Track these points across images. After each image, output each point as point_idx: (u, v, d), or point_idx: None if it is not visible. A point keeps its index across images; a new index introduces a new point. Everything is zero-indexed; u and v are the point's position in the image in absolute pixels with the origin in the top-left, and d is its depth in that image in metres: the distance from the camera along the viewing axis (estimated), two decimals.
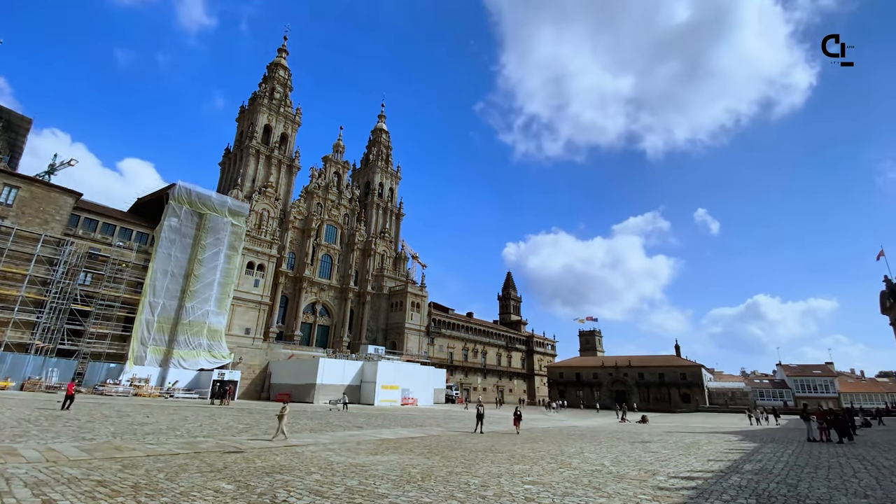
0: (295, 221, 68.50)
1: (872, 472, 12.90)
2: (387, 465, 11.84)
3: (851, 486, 10.69)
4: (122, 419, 19.98)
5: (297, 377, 48.92)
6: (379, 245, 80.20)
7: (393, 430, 22.00)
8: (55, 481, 8.11)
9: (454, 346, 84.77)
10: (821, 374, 78.83)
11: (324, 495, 8.19)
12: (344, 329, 71.35)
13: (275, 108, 70.02)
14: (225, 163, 71.66)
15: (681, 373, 79.68)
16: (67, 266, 40.92)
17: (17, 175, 41.84)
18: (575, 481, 10.46)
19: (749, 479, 11.25)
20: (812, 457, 16.44)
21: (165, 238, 47.29)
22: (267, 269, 58.60)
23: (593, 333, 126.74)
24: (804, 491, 9.91)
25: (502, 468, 11.95)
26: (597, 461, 13.99)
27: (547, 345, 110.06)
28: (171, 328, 46.42)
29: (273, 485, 8.81)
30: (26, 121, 48.13)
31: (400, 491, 8.78)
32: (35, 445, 11.86)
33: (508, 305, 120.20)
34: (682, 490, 9.77)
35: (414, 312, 75.25)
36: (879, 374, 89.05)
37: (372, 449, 14.89)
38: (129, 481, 8.50)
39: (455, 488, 9.24)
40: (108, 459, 10.66)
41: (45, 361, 37.45)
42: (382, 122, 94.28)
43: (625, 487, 9.88)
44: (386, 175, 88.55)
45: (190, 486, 8.33)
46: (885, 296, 27.50)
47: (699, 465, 13.85)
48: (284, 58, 76.18)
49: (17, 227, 38.59)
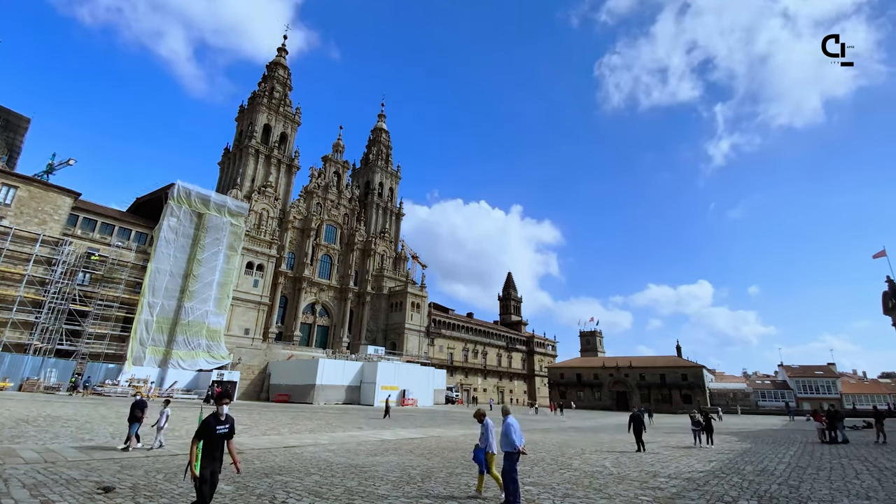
0: (294, 221, 68.41)
1: (874, 473, 12.86)
2: (387, 466, 11.79)
3: (854, 487, 10.64)
4: (121, 420, 19.90)
5: (297, 378, 48.84)
6: (379, 245, 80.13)
7: (393, 431, 21.95)
8: (54, 482, 8.06)
9: (454, 347, 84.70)
10: (823, 374, 78.80)
11: (323, 496, 8.14)
12: (343, 329, 71.26)
13: (274, 108, 69.97)
14: (224, 162, 71.58)
15: (682, 374, 79.63)
16: (66, 266, 40.84)
17: (16, 175, 41.74)
18: (575, 482, 10.41)
19: (751, 481, 11.21)
20: (814, 458, 16.40)
21: (164, 238, 47.21)
22: (266, 269, 58.51)
23: (594, 334, 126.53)
24: (806, 492, 9.87)
25: None
26: (597, 462, 13.94)
27: (547, 345, 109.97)
28: (170, 328, 46.33)
29: (272, 486, 8.77)
30: (24, 120, 48.10)
31: (400, 492, 8.73)
32: (33, 446, 11.81)
33: (509, 306, 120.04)
34: (683, 491, 9.72)
35: (414, 313, 75.16)
36: (882, 375, 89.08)
37: (372, 450, 14.84)
38: (128, 482, 8.45)
39: (455, 489, 9.20)
40: (107, 460, 10.62)
41: (44, 362, 37.36)
42: (382, 122, 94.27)
43: (626, 489, 9.83)
44: (386, 175, 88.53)
45: (189, 486, 8.28)
46: (887, 296, 27.44)
47: (700, 465, 13.80)
48: (284, 57, 76.17)
49: (15, 227, 38.51)
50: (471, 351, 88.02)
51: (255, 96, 70.90)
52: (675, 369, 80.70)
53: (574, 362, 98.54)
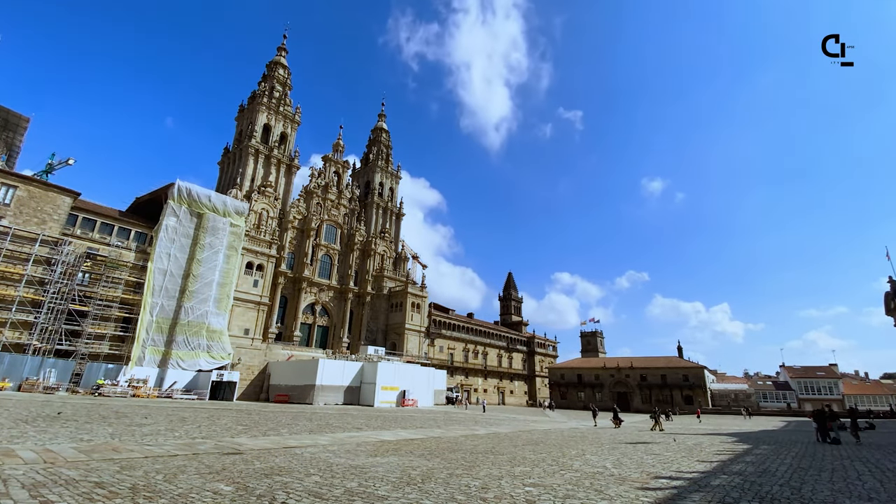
0: (294, 221, 68.36)
1: (877, 474, 12.82)
2: (387, 466, 11.74)
3: (856, 488, 10.60)
4: (120, 420, 19.86)
5: (297, 378, 48.78)
6: (379, 245, 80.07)
7: (393, 432, 21.89)
8: (53, 483, 8.01)
9: (455, 348, 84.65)
10: (825, 375, 78.71)
11: (323, 497, 8.09)
12: (343, 330, 71.19)
13: (274, 107, 69.97)
14: (224, 162, 71.57)
15: (683, 374, 79.60)
16: (65, 266, 40.80)
17: (15, 174, 41.72)
18: (576, 483, 10.36)
19: (752, 482, 11.16)
20: (815, 459, 16.36)
21: (164, 238, 47.19)
22: (266, 269, 58.47)
23: (595, 334, 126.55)
24: (808, 494, 9.82)
25: (503, 470, 11.85)
26: (598, 463, 13.89)
27: (548, 346, 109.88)
28: (170, 328, 46.29)
29: (272, 486, 8.72)
30: (24, 119, 48.02)
31: (400, 493, 8.68)
32: (32, 446, 11.76)
33: (509, 306, 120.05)
34: (684, 492, 9.67)
35: (414, 313, 75.09)
36: (884, 376, 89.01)
37: (372, 450, 14.79)
38: (127, 483, 8.41)
39: (455, 490, 9.15)
40: (106, 461, 10.56)
41: (43, 362, 37.33)
42: (383, 122, 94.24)
43: (627, 490, 9.78)
44: (386, 175, 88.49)
45: (188, 487, 8.24)
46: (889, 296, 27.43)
47: (702, 467, 13.75)
48: (284, 56, 76.14)
49: (14, 227, 38.48)
50: (471, 351, 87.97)
51: (254, 96, 70.89)
52: (676, 370, 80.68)
53: (575, 363, 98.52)
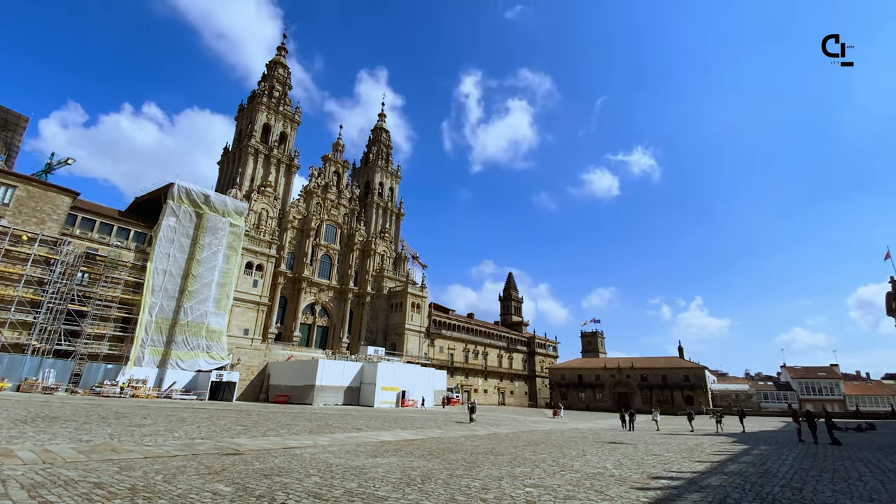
0: (294, 221, 68.31)
1: (878, 475, 12.80)
2: (387, 467, 11.71)
3: (857, 489, 10.58)
4: (120, 420, 19.83)
5: (296, 378, 48.73)
6: (379, 245, 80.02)
7: (393, 432, 21.86)
8: (52, 483, 7.98)
9: (455, 348, 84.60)
10: (826, 376, 78.71)
11: (323, 497, 8.07)
12: (343, 330, 71.14)
13: (274, 107, 69.94)
14: (223, 162, 71.54)
15: (684, 375, 79.55)
16: (64, 266, 40.75)
17: (14, 174, 41.66)
18: (577, 484, 10.34)
19: (753, 483, 11.14)
20: (816, 460, 16.35)
21: (164, 238, 47.14)
22: (266, 269, 58.42)
23: (595, 335, 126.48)
24: (809, 494, 9.80)
25: (503, 471, 11.83)
26: (599, 464, 13.87)
27: (548, 346, 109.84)
28: (169, 329, 46.23)
29: (272, 487, 8.69)
30: (23, 119, 48.03)
31: (400, 493, 8.66)
32: (32, 447, 11.73)
33: (510, 306, 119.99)
34: (685, 493, 9.65)
35: (414, 313, 75.05)
36: (885, 377, 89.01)
37: (372, 451, 14.76)
38: (127, 483, 8.38)
39: (456, 491, 9.12)
40: (106, 461, 10.53)
41: (42, 362, 37.28)
42: (383, 122, 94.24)
43: (627, 491, 9.76)
44: (386, 174, 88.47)
45: (188, 488, 8.21)
46: (890, 297, 27.41)
47: (702, 467, 13.73)
48: (284, 56, 76.12)
49: (13, 227, 38.43)
50: (471, 352, 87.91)
51: (254, 95, 70.87)
52: (676, 370, 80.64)
53: (575, 363, 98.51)
